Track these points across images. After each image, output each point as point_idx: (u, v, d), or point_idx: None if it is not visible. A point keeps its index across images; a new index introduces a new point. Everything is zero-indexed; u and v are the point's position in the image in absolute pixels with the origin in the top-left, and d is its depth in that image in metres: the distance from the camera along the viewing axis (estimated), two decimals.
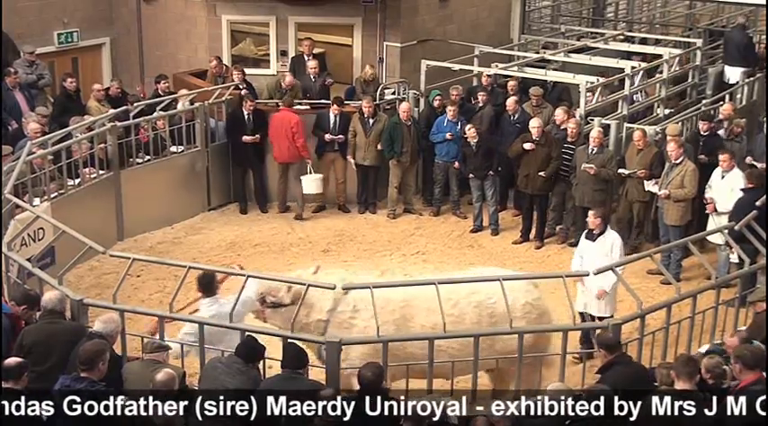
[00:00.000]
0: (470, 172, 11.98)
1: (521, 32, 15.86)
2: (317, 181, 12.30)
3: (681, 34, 17.55)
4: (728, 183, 10.25)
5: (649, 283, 10.41)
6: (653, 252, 8.92)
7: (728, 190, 10.18)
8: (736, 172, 10.28)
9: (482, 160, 11.82)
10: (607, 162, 11.10)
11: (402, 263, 11.38)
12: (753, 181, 9.93)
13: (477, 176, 11.94)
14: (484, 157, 11.81)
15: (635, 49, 14.53)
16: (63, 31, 14.90)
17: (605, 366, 6.66)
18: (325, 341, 6.97)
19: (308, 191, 12.39)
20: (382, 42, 14.22)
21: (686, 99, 13.96)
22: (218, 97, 12.66)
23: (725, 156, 10.33)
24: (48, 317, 6.92)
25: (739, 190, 10.02)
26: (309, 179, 12.28)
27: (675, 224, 10.57)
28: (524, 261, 11.37)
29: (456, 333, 7.45)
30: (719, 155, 10.41)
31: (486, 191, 12.00)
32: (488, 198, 12.03)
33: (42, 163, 10.36)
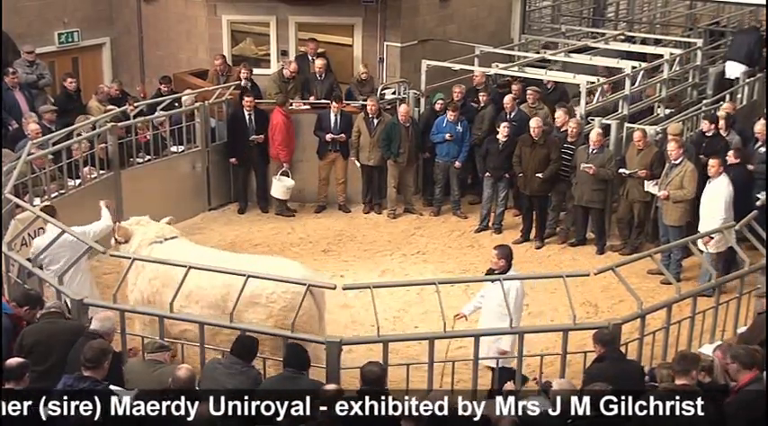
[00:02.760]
0: (489, 170, 11.96)
1: (521, 32, 15.87)
2: (283, 188, 12.31)
3: (681, 34, 17.56)
4: (712, 193, 10.03)
5: (650, 283, 10.42)
6: (653, 252, 8.92)
7: (711, 200, 9.99)
8: (721, 180, 10.00)
9: (504, 160, 11.81)
10: (606, 162, 11.12)
11: (402, 263, 11.40)
12: (738, 156, 10.18)
13: (495, 175, 11.94)
14: (507, 158, 11.79)
15: (635, 49, 14.53)
16: (63, 31, 14.92)
17: (595, 359, 6.70)
18: (326, 340, 6.99)
19: (274, 194, 12.43)
20: (383, 42, 14.22)
21: (687, 99, 13.97)
22: (219, 97, 12.68)
23: (713, 162, 10.05)
24: (47, 317, 6.95)
25: (726, 168, 10.06)
26: (279, 184, 12.29)
27: (675, 224, 10.58)
28: (524, 261, 11.37)
29: (457, 333, 7.48)
30: (709, 160, 10.17)
31: (499, 191, 12.01)
32: (500, 198, 12.04)
33: (43, 163, 10.38)
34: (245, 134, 12.45)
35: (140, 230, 8.68)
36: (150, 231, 8.65)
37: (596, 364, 6.69)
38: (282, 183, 12.35)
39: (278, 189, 12.37)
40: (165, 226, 8.80)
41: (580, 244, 11.70)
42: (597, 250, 11.52)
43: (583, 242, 11.70)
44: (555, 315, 9.83)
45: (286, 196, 12.46)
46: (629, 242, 11.42)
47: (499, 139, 11.77)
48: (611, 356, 6.66)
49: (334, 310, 9.88)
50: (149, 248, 8.51)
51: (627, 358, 7.02)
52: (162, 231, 8.68)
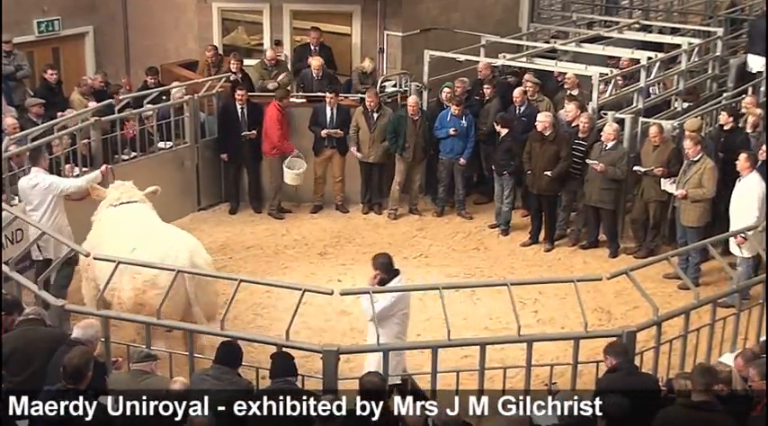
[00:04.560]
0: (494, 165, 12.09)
1: (530, 21, 15.84)
2: (292, 174, 12.29)
3: (700, 23, 17.54)
4: (743, 190, 9.90)
5: (666, 288, 10.40)
6: (670, 254, 8.89)
7: (742, 198, 9.87)
8: (753, 176, 9.87)
9: (502, 155, 11.85)
10: (618, 160, 11.09)
11: (404, 267, 11.27)
12: None
13: (497, 171, 12.00)
14: (506, 153, 11.82)
15: (651, 39, 14.51)
16: (43, 19, 14.90)
17: (607, 371, 6.68)
18: (322, 349, 6.99)
19: (288, 181, 12.42)
20: (383, 31, 14.22)
21: (706, 92, 13.95)
22: (210, 89, 12.67)
23: (744, 157, 9.88)
24: (27, 324, 6.94)
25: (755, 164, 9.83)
26: (291, 173, 12.30)
27: (693, 225, 10.56)
28: (533, 264, 11.38)
29: (460, 341, 7.48)
30: (740, 156, 9.98)
31: (504, 189, 12.05)
32: (505, 196, 12.07)
33: (21, 160, 10.36)
34: (237, 129, 12.44)
35: (113, 193, 9.29)
36: (114, 194, 9.26)
37: (607, 376, 6.66)
38: (293, 170, 12.29)
39: (290, 175, 12.32)
40: (131, 189, 9.37)
41: (592, 246, 11.69)
42: (610, 253, 11.51)
43: (595, 244, 11.69)
44: (565, 322, 9.82)
45: (298, 181, 12.40)
46: (644, 244, 11.41)
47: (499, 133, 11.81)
48: (624, 368, 6.63)
49: (331, 317, 9.91)
50: (105, 211, 9.21)
51: (641, 370, 7.00)
52: (124, 195, 9.27)
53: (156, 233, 8.80)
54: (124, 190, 9.31)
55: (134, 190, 9.37)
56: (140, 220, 9.04)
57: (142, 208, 9.26)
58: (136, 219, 9.02)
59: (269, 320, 9.74)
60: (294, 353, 6.80)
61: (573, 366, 7.25)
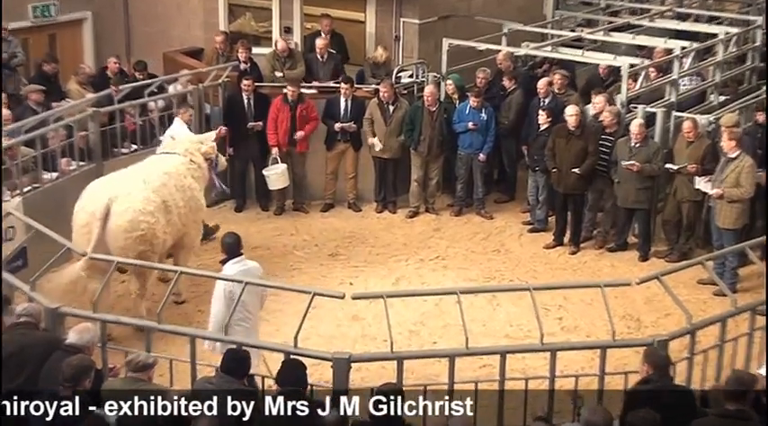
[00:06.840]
0: None
1: (555, 8, 15.79)
2: (275, 176, 12.32)
3: (738, 11, 17.44)
4: None
5: (700, 294, 10.38)
6: (705, 258, 8.88)
7: None
8: None
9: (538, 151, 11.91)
10: (652, 156, 11.06)
11: (419, 270, 11.37)
12: None
13: (531, 166, 12.13)
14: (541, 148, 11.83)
15: (686, 28, 14.46)
16: (38, 4, 14.92)
17: (639, 381, 6.63)
18: (333, 357, 6.98)
19: (272, 187, 12.47)
20: (398, 18, 14.18)
21: (744, 84, 13.88)
22: (215, 79, 12.67)
23: None
24: (21, 328, 6.94)
25: None
26: (272, 174, 12.33)
27: (730, 227, 10.52)
28: (557, 268, 11.35)
29: (479, 350, 7.46)
30: None
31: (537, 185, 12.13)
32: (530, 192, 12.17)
33: (14, 153, 10.39)
34: (244, 120, 12.44)
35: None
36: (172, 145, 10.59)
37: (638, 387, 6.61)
38: (273, 172, 12.31)
39: (274, 180, 12.35)
40: (188, 143, 10.54)
41: (620, 248, 11.66)
42: (640, 256, 11.48)
43: (623, 247, 11.66)
44: (592, 329, 9.80)
45: (284, 183, 12.41)
46: (676, 247, 11.37)
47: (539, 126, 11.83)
48: (659, 381, 6.57)
49: (342, 322, 9.91)
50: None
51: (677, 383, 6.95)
52: (169, 147, 10.54)
53: (120, 175, 9.85)
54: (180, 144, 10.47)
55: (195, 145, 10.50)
56: (142, 164, 10.15)
57: (166, 159, 10.22)
58: (143, 163, 10.20)
59: (276, 325, 9.73)
60: (303, 361, 6.79)
61: (599, 377, 7.22)
